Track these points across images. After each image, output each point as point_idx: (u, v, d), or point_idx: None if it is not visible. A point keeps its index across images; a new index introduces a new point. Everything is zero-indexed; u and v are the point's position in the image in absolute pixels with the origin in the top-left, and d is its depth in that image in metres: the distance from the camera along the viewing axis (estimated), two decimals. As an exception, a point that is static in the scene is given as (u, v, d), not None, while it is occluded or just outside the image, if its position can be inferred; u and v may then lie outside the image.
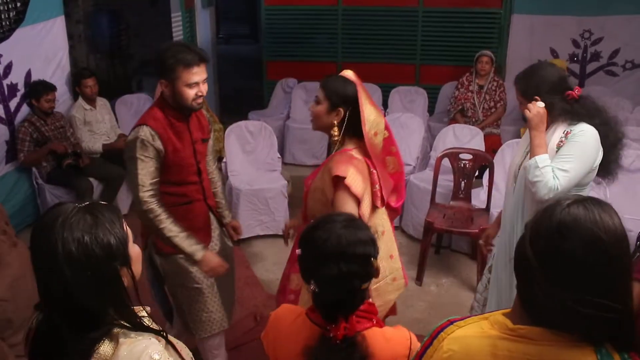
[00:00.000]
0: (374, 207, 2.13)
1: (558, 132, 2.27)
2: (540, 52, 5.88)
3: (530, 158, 2.23)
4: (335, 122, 2.12)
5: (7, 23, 4.13)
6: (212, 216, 2.58)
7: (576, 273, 1.04)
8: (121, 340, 1.17)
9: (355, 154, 2.10)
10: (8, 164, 4.31)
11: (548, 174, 2.17)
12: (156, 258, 2.46)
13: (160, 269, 2.47)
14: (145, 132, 2.24)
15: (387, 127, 2.19)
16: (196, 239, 2.33)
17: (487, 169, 4.07)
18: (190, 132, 2.39)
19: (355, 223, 1.44)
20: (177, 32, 6.16)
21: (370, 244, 1.40)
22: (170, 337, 1.29)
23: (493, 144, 5.02)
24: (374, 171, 2.10)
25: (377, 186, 2.11)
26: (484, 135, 4.82)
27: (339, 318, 1.36)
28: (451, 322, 1.19)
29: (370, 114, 2.09)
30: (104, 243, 1.15)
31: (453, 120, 5.32)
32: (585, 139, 2.22)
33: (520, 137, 5.11)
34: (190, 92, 2.25)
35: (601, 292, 1.02)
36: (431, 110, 6.16)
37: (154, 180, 2.26)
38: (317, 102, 2.15)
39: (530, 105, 2.25)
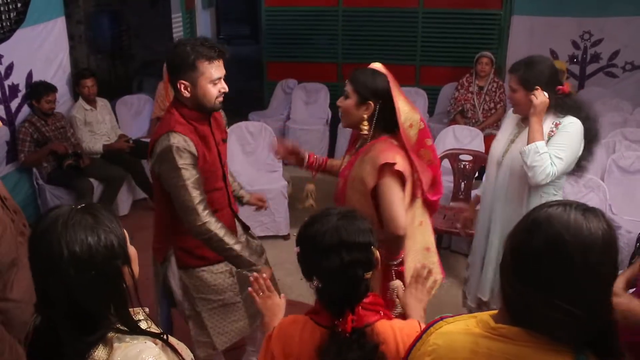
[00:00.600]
0: (413, 198, 2.08)
1: (547, 123, 2.38)
2: (540, 53, 5.75)
3: (528, 143, 2.30)
4: (365, 116, 2.03)
5: (8, 24, 4.13)
6: (237, 222, 2.45)
7: (541, 273, 1.04)
8: (115, 345, 1.16)
9: (394, 141, 2.04)
10: (9, 164, 4.32)
11: (547, 160, 2.26)
12: (174, 273, 2.31)
13: (180, 283, 2.33)
14: (177, 138, 2.03)
15: (422, 119, 2.09)
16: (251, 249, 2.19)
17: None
18: (213, 135, 2.22)
19: (352, 214, 1.43)
20: (178, 33, 6.17)
21: (369, 232, 1.40)
22: (171, 339, 1.28)
23: (493, 145, 5.02)
24: (412, 160, 2.03)
25: (416, 175, 2.05)
26: (484, 137, 4.83)
27: (345, 311, 1.36)
28: (442, 319, 1.22)
29: (403, 105, 2.00)
30: (107, 242, 1.15)
31: (453, 121, 5.33)
32: (574, 130, 2.33)
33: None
34: (214, 90, 2.09)
35: (569, 297, 1.01)
36: (431, 111, 6.17)
37: (201, 190, 2.07)
38: (346, 97, 2.06)
39: (537, 93, 2.32)
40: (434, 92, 6.15)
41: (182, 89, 2.07)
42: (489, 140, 5.02)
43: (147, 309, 1.32)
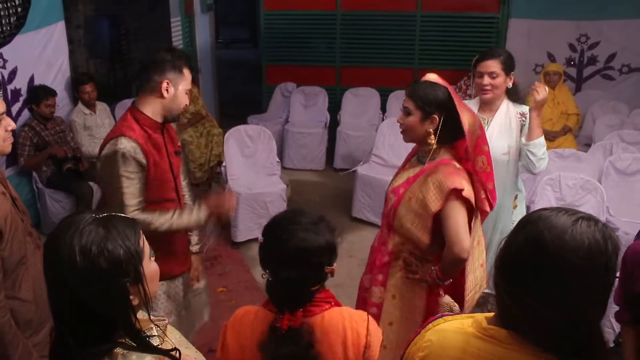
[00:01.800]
0: (476, 216, 2.07)
1: (510, 111, 2.69)
2: (538, 56, 5.91)
3: (533, 137, 2.57)
4: (431, 130, 1.99)
5: (8, 28, 4.15)
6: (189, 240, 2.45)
7: (520, 271, 1.05)
8: None
9: (457, 164, 2.00)
10: (8, 168, 4.33)
11: (546, 152, 2.60)
12: None
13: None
14: (125, 144, 2.00)
15: (480, 126, 2.05)
16: (185, 210, 2.16)
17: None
18: (165, 145, 2.19)
19: (319, 227, 1.44)
20: (177, 37, 6.19)
21: (327, 251, 1.44)
22: (188, 354, 1.28)
23: (491, 148, 5.04)
24: (476, 177, 2.01)
25: (483, 193, 2.01)
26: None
27: (284, 310, 1.42)
28: (442, 316, 1.25)
29: (465, 114, 1.97)
30: (112, 257, 1.11)
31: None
32: None
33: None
34: (185, 99, 2.15)
35: (546, 299, 1.01)
36: (429, 114, 6.17)
37: (140, 199, 2.06)
38: (407, 114, 2.02)
39: (540, 88, 2.56)
40: (432, 95, 6.16)
41: (164, 89, 2.08)
42: (487, 142, 5.05)
43: (165, 321, 1.31)
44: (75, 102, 4.86)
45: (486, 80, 2.65)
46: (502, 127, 2.70)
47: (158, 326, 1.27)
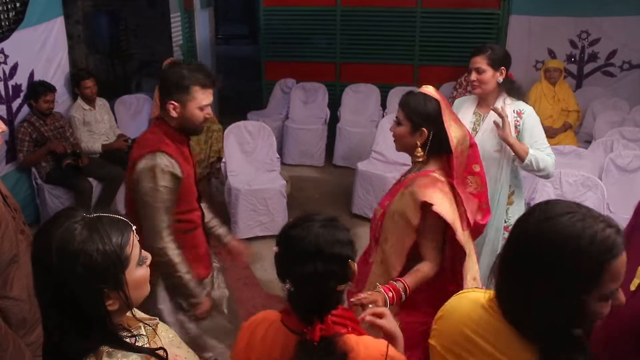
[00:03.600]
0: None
1: (508, 111, 2.65)
2: (538, 52, 5.90)
3: (521, 158, 2.59)
4: (419, 142, 1.98)
5: (7, 23, 4.14)
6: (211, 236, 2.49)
7: (520, 258, 1.13)
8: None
9: (439, 176, 1.98)
10: (8, 164, 4.32)
11: (544, 157, 2.58)
12: (164, 296, 2.29)
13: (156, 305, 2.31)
14: (163, 159, 2.05)
15: (472, 144, 2.03)
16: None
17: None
18: (190, 156, 2.27)
19: (335, 223, 1.41)
20: (176, 33, 6.17)
21: (349, 245, 1.39)
22: (172, 356, 1.26)
23: (491, 144, 5.04)
24: (459, 193, 1.98)
25: (462, 208, 1.99)
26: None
27: (314, 319, 1.34)
28: (474, 290, 1.38)
29: (455, 131, 1.95)
30: (89, 261, 1.08)
31: (451, 121, 5.33)
32: (537, 119, 2.69)
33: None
34: (201, 115, 2.12)
35: (537, 290, 1.07)
36: (429, 110, 6.17)
37: (170, 213, 2.11)
38: (398, 123, 2.02)
39: (502, 121, 2.59)
40: (432, 92, 6.16)
41: (171, 109, 2.10)
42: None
43: (156, 320, 1.30)
44: (75, 98, 4.85)
45: (473, 75, 2.70)
46: (489, 129, 2.71)
47: (149, 325, 1.26)
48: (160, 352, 1.21)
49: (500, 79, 2.68)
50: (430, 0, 6.15)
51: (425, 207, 1.89)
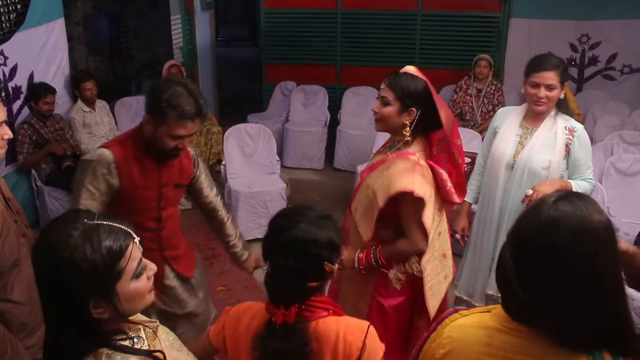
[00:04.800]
0: (440, 210, 2.07)
1: (557, 125, 2.50)
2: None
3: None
4: (407, 122, 1.99)
5: (8, 25, 4.14)
6: (168, 270, 2.27)
7: (565, 271, 1.04)
8: None
9: (419, 158, 1.99)
10: (8, 165, 4.31)
11: (583, 185, 2.52)
12: None
13: None
14: (103, 158, 1.97)
15: (453, 121, 2.06)
16: None
17: (486, 173, 4.08)
18: (160, 174, 2.10)
19: (323, 222, 1.42)
20: (177, 35, 6.18)
21: (328, 247, 1.40)
22: (174, 358, 1.26)
23: (491, 148, 5.03)
24: (441, 171, 2.00)
25: (449, 184, 2.01)
26: (482, 139, 4.83)
27: (280, 304, 1.39)
28: (457, 311, 1.23)
29: (442, 108, 1.97)
30: (75, 270, 1.07)
31: (451, 124, 5.33)
32: (588, 138, 2.56)
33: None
34: (171, 143, 1.97)
35: (589, 295, 1.01)
36: (430, 113, 6.17)
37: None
38: (385, 104, 2.01)
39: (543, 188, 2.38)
40: (432, 95, 6.15)
41: (145, 123, 2.00)
42: (487, 142, 5.04)
43: (156, 323, 1.29)
44: (75, 100, 4.85)
45: (542, 92, 2.45)
46: (545, 140, 2.54)
47: (149, 327, 1.26)
48: (159, 355, 1.20)
49: (562, 95, 2.50)
50: (431, 3, 6.15)
51: (404, 196, 1.91)
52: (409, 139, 2.01)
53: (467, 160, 4.11)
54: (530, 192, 2.44)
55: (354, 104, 6.29)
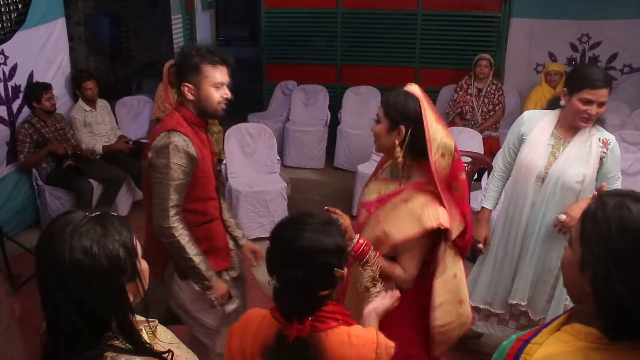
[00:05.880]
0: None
1: (593, 137, 2.39)
2: (539, 55, 5.91)
3: None
4: (397, 142, 1.85)
5: (9, 24, 4.14)
6: (228, 236, 2.43)
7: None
8: None
9: (432, 188, 1.85)
10: (9, 165, 4.32)
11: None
12: (180, 286, 2.28)
13: (188, 296, 2.29)
14: (177, 137, 2.05)
15: (456, 149, 1.88)
16: (210, 264, 2.18)
17: (486, 172, 4.08)
18: (210, 145, 2.25)
19: (326, 228, 1.39)
20: (178, 35, 6.18)
21: (336, 253, 1.37)
22: (176, 357, 1.26)
23: (492, 147, 5.04)
24: (446, 206, 1.85)
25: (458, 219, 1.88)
26: (483, 138, 4.85)
27: (293, 319, 1.36)
28: (525, 341, 1.14)
29: (436, 132, 1.81)
30: (112, 255, 1.11)
31: (452, 123, 5.34)
32: (618, 149, 2.48)
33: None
34: (217, 94, 2.12)
35: None
36: (430, 113, 6.17)
37: (182, 195, 2.08)
38: (377, 121, 1.92)
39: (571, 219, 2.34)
40: (432, 94, 6.15)
41: (186, 92, 2.11)
42: (487, 142, 5.04)
43: (155, 322, 1.30)
44: (76, 99, 4.85)
45: (594, 110, 2.32)
46: (580, 152, 2.43)
47: (149, 327, 1.27)
48: (167, 356, 1.21)
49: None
50: (431, 3, 6.15)
51: (433, 231, 1.78)
52: (401, 161, 1.88)
53: (468, 159, 4.12)
54: (563, 217, 2.39)
55: (354, 104, 6.30)
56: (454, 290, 1.95)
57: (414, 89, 1.90)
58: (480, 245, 2.76)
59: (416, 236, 1.80)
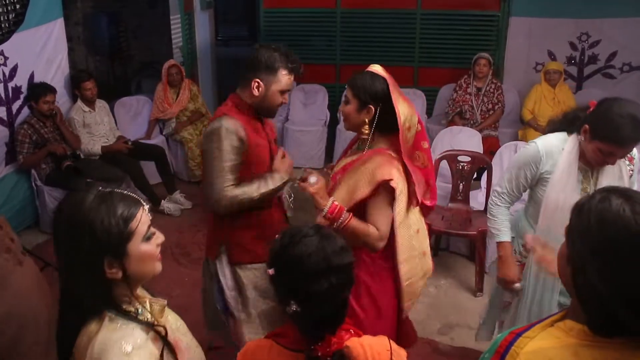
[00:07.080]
0: (408, 207, 2.05)
1: (620, 161, 2.18)
2: (538, 54, 5.90)
3: None
4: (366, 120, 2.03)
5: (7, 25, 4.13)
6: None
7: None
8: (105, 323, 1.20)
9: (392, 153, 2.02)
10: (8, 165, 4.32)
11: None
12: (224, 271, 2.32)
13: (232, 283, 2.32)
14: (229, 122, 2.10)
15: (419, 121, 2.06)
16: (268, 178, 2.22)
17: (485, 171, 4.08)
18: (265, 133, 2.29)
19: (327, 232, 1.39)
20: (176, 34, 6.17)
21: (348, 250, 1.38)
22: (171, 338, 1.28)
23: (491, 146, 5.04)
24: (409, 169, 2.01)
25: (413, 186, 2.03)
26: (482, 138, 4.84)
27: (325, 334, 1.33)
28: (517, 334, 1.14)
29: (403, 107, 1.98)
30: (93, 229, 1.17)
31: (451, 123, 5.34)
32: None
33: (519, 139, 5.13)
34: (280, 99, 2.20)
35: None
36: (429, 112, 6.17)
37: (237, 175, 2.13)
38: (346, 102, 2.08)
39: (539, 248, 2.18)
40: (432, 93, 6.16)
41: (254, 87, 2.16)
42: (487, 141, 5.04)
43: (164, 301, 1.32)
44: (75, 100, 4.85)
45: (614, 161, 2.13)
46: (611, 180, 2.20)
47: (156, 304, 1.30)
48: (160, 329, 1.25)
49: None
50: (430, 2, 6.14)
51: (383, 185, 1.93)
52: (368, 137, 2.04)
53: (467, 159, 4.12)
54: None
55: (353, 103, 6.28)
56: (418, 245, 2.11)
57: (378, 69, 2.07)
58: (518, 285, 2.44)
59: (372, 191, 1.93)
